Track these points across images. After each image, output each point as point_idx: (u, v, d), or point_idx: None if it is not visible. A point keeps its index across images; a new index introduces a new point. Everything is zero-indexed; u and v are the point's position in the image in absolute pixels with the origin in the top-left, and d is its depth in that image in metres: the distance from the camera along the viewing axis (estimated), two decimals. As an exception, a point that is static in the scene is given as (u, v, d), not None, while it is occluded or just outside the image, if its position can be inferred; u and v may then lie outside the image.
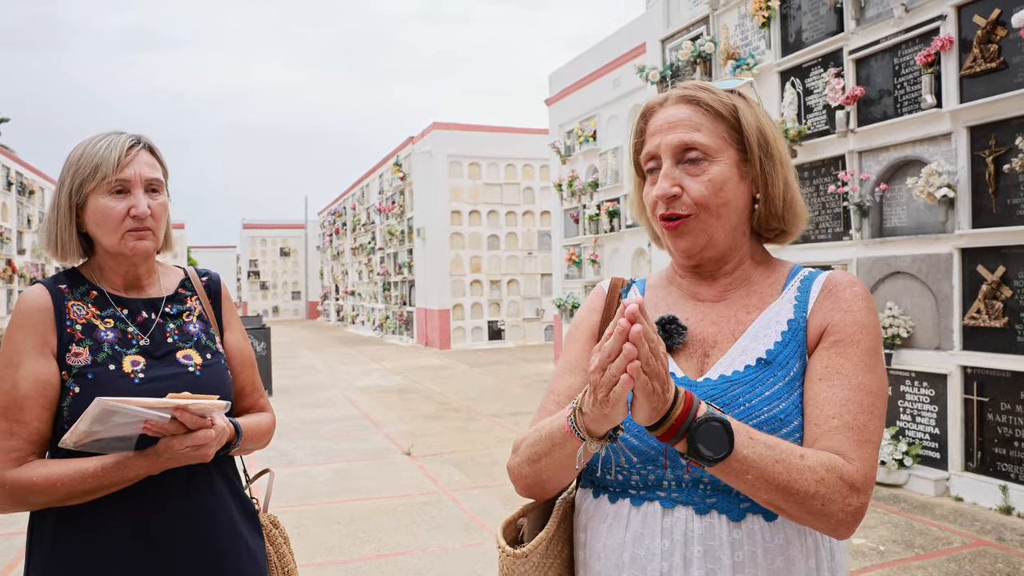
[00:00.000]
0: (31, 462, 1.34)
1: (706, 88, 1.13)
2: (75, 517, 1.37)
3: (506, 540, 1.13)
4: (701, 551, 1.00)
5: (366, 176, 23.06)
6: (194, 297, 1.58)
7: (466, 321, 16.79)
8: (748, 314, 1.12)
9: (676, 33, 7.70)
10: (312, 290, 35.47)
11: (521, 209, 17.20)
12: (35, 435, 1.35)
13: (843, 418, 0.99)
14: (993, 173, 4.60)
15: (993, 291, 4.61)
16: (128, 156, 1.42)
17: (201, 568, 1.42)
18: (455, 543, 4.24)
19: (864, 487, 0.97)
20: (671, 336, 1.11)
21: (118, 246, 1.43)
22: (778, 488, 0.93)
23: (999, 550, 3.89)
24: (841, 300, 1.08)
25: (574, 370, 1.21)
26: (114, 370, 1.40)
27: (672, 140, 1.09)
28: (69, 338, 1.39)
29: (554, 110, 11.96)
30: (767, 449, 0.93)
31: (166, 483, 1.39)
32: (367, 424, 7.84)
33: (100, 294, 1.47)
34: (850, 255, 5.59)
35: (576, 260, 10.90)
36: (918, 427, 5.12)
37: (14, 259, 16.77)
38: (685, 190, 1.09)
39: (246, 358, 1.63)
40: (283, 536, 1.63)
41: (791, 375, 1.05)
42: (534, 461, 1.09)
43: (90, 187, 1.40)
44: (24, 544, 1.46)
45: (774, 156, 1.12)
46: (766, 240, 1.19)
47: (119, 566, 1.36)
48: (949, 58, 4.81)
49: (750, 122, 1.11)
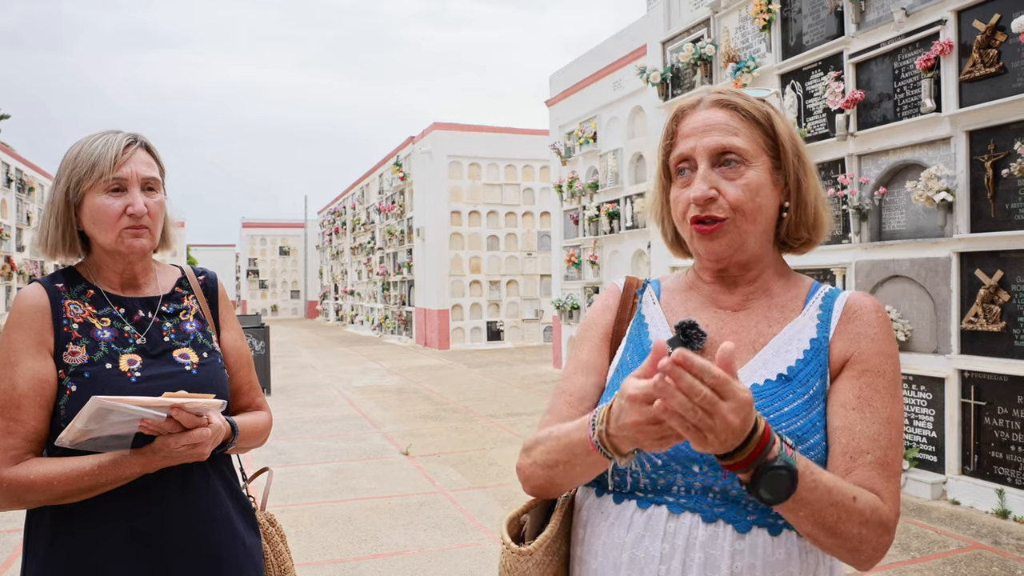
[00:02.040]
0: (28, 460, 1.34)
1: (741, 94, 1.14)
2: (71, 516, 1.37)
3: (510, 536, 1.13)
4: (702, 558, 1.01)
5: (366, 176, 23.06)
6: (191, 296, 1.58)
7: (465, 321, 16.78)
8: (770, 327, 1.12)
9: (677, 35, 7.71)
10: (311, 289, 35.45)
11: (521, 210, 17.20)
12: (32, 434, 1.35)
13: (875, 454, 1.01)
14: (992, 178, 4.61)
15: (991, 295, 4.61)
16: (125, 155, 1.43)
17: (197, 565, 1.43)
18: (452, 543, 4.24)
19: (894, 527, 1.00)
20: (691, 341, 1.10)
21: (115, 244, 1.43)
22: (825, 527, 0.94)
23: (995, 553, 3.90)
24: (867, 326, 1.09)
25: (587, 370, 1.21)
26: (111, 369, 1.40)
27: (710, 143, 1.09)
28: (66, 337, 1.40)
29: (554, 111, 11.96)
30: (826, 492, 0.93)
31: (162, 481, 1.40)
32: (365, 424, 7.84)
33: (97, 293, 1.47)
34: (849, 258, 5.59)
35: (576, 261, 10.90)
36: (915, 430, 5.13)
37: (13, 256, 16.76)
38: (722, 194, 1.08)
39: (243, 357, 1.64)
40: (280, 534, 1.64)
41: (811, 393, 1.05)
42: (549, 466, 1.09)
43: (87, 185, 1.41)
44: (21, 542, 1.47)
45: (807, 165, 1.13)
46: (790, 249, 1.20)
47: (115, 565, 1.37)
48: (949, 62, 4.82)
49: (783, 130, 1.12)
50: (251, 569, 1.52)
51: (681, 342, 1.09)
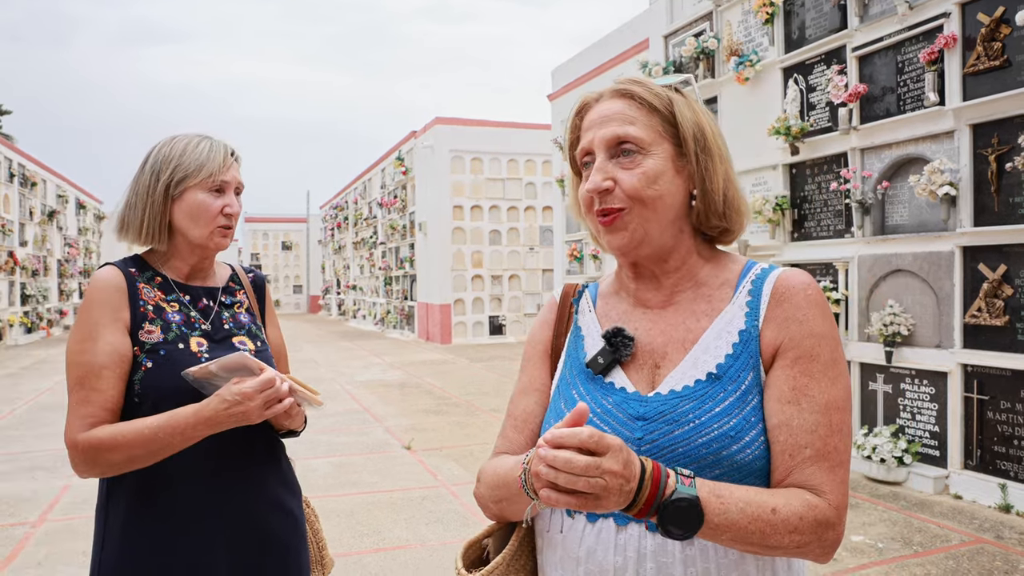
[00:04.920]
0: (101, 426, 1.43)
1: (640, 82, 1.11)
2: (149, 486, 1.48)
3: (468, 560, 1.14)
4: (654, 568, 0.99)
5: (368, 170, 23.04)
6: (242, 291, 1.73)
7: (467, 316, 16.80)
8: (698, 322, 1.09)
9: (679, 29, 7.69)
10: (313, 284, 35.49)
11: (523, 204, 17.19)
12: (108, 402, 1.45)
13: (815, 446, 0.98)
14: (995, 171, 4.59)
15: (994, 289, 4.60)
16: (229, 159, 1.60)
17: (255, 544, 1.54)
18: (454, 537, 4.25)
19: (839, 519, 0.97)
20: (618, 349, 1.09)
21: (206, 239, 1.58)
22: (754, 544, 0.94)
23: (997, 548, 3.90)
24: (794, 308, 1.04)
25: (529, 391, 1.20)
26: (183, 349, 1.52)
27: (605, 134, 1.07)
28: (142, 316, 1.52)
29: (557, 105, 11.94)
30: (739, 513, 0.92)
31: (228, 460, 1.52)
32: (367, 418, 7.86)
33: (164, 280, 1.60)
34: (851, 252, 5.58)
35: (578, 256, 10.90)
36: (918, 425, 5.12)
37: (16, 251, 16.77)
38: (618, 183, 1.05)
39: (282, 351, 1.80)
40: (314, 514, 1.77)
41: (742, 388, 1.02)
42: (496, 501, 1.12)
43: (192, 183, 1.55)
44: (23, 537, 1.48)
45: (712, 151, 1.08)
46: (713, 240, 1.16)
47: (184, 539, 1.48)
48: (952, 56, 4.80)
49: (686, 116, 1.08)
50: (302, 548, 1.65)
51: (609, 352, 1.09)
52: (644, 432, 1.02)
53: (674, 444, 1.00)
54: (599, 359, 1.10)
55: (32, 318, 18.17)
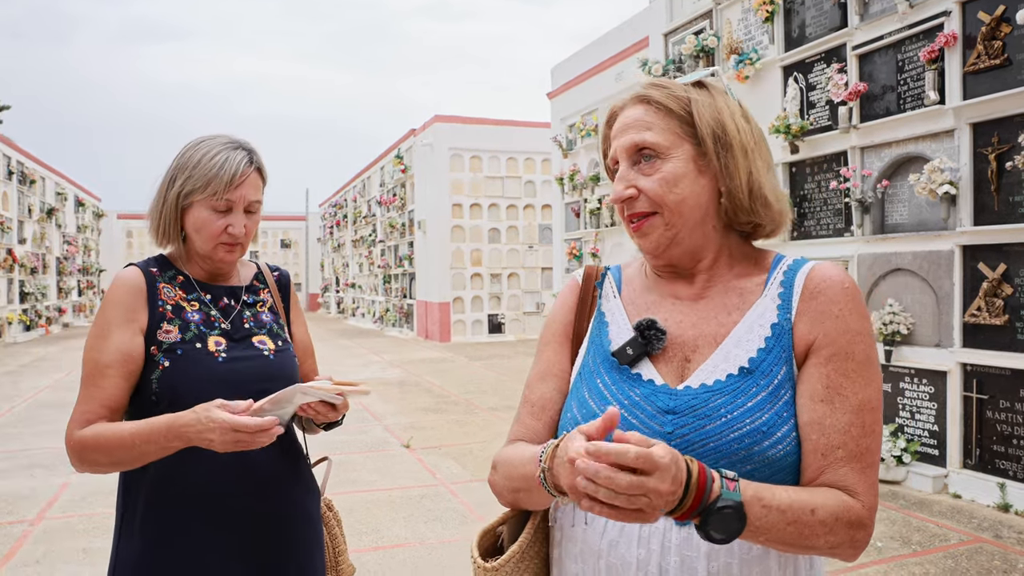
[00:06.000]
0: (96, 424, 1.44)
1: (659, 84, 1.11)
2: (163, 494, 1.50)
3: (484, 548, 1.13)
4: (678, 561, 0.99)
5: (367, 168, 23.01)
6: (266, 290, 1.74)
7: (466, 314, 16.78)
8: (729, 315, 1.08)
9: (679, 27, 7.68)
10: (312, 282, 35.47)
11: (522, 203, 17.17)
12: (109, 400, 1.46)
13: (847, 447, 0.98)
14: (995, 170, 4.59)
15: (994, 289, 4.60)
16: (238, 178, 1.54)
17: (274, 547, 1.55)
18: (453, 535, 4.25)
19: (870, 520, 0.97)
20: (650, 342, 1.08)
21: (210, 253, 1.58)
22: (789, 544, 0.94)
23: (996, 547, 3.90)
24: (830, 303, 1.03)
25: (547, 377, 1.19)
26: (200, 348, 1.54)
27: (624, 142, 1.09)
28: (161, 316, 1.53)
29: (556, 103, 11.93)
30: (779, 515, 0.92)
31: (250, 464, 1.52)
32: (366, 416, 7.85)
33: (186, 279, 1.62)
34: (851, 251, 5.58)
35: (577, 254, 10.89)
36: (917, 424, 5.12)
37: (15, 248, 16.76)
38: (641, 190, 1.07)
39: (308, 348, 1.83)
40: (336, 519, 1.78)
41: (775, 383, 1.01)
42: (512, 491, 1.10)
43: (198, 197, 1.54)
44: (21, 535, 1.48)
45: (733, 147, 1.07)
46: (749, 236, 1.14)
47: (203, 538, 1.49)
48: (953, 54, 4.80)
49: (703, 115, 1.07)
50: (318, 552, 1.65)
51: (641, 344, 1.08)
52: (674, 427, 1.01)
53: (705, 439, 0.99)
54: (628, 350, 1.08)
55: (31, 316, 18.15)
